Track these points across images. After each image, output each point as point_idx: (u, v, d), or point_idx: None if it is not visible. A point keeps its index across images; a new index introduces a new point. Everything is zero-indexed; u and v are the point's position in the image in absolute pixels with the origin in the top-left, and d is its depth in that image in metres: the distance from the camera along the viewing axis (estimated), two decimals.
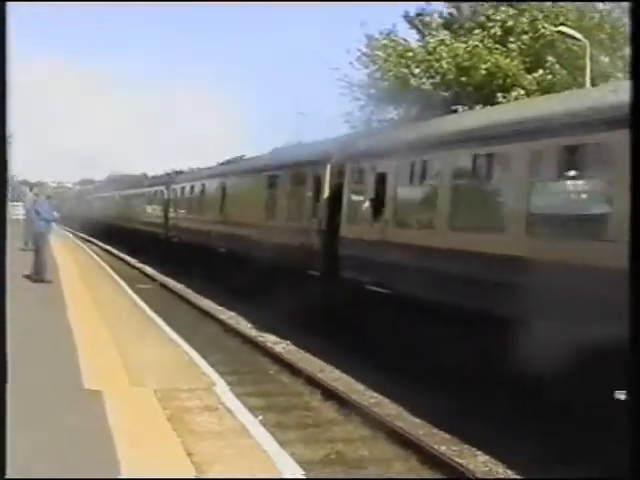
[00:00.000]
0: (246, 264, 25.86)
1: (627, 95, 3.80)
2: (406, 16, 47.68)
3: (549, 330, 10.35)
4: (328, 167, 20.82)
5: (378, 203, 17.58)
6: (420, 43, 46.44)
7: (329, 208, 20.26)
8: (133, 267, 43.75)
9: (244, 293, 25.43)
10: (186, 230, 38.00)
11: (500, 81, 41.03)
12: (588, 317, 9.96)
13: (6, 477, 4.20)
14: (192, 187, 38.86)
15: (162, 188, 46.40)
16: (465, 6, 45.65)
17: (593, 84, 31.11)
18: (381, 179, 17.59)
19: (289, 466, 8.53)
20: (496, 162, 13.69)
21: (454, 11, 46.80)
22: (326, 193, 20.69)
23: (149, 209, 50.21)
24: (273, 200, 25.48)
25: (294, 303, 19.06)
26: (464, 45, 41.62)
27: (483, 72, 41.12)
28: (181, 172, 51.08)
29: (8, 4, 3.93)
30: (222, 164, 38.07)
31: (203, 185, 36.54)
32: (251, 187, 28.16)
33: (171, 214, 42.68)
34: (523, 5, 41.70)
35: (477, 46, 41.15)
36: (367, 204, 18.14)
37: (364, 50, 48.07)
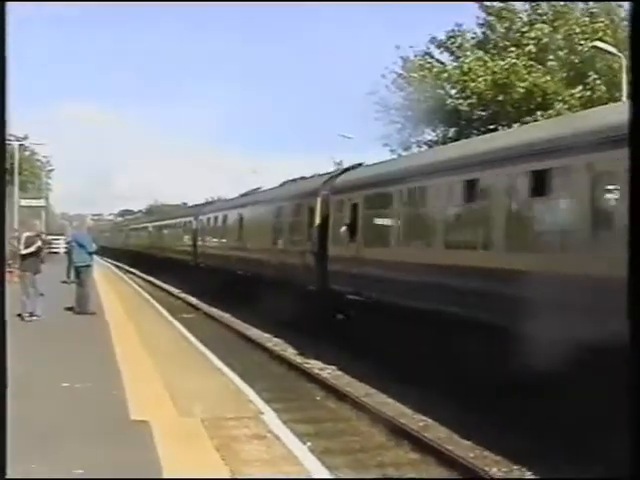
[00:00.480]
0: (258, 282, 30.46)
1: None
2: (433, 40, 47.63)
3: None
4: (318, 199, 25.01)
5: (352, 227, 21.81)
6: (455, 64, 46.43)
7: (320, 233, 24.30)
8: (162, 289, 48.46)
9: (255, 306, 29.00)
10: (211, 256, 42.03)
11: (539, 99, 40.82)
12: None
13: (6, 477, 4.16)
14: (216, 217, 42.86)
15: (191, 219, 50.65)
16: (498, 25, 45.56)
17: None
18: (354, 208, 21.89)
19: None
20: (425, 194, 18.16)
21: (487, 30, 46.72)
22: (317, 220, 24.79)
23: (179, 238, 53.78)
24: (279, 227, 29.91)
25: (294, 314, 24.20)
26: (502, 62, 41.50)
27: (521, 90, 40.94)
28: (208, 204, 55.31)
29: (8, 4, 3.93)
30: (241, 196, 42.16)
31: (225, 215, 40.43)
32: (263, 216, 32.41)
33: (199, 242, 46.46)
34: (559, 21, 41.50)
35: (515, 64, 40.99)
36: (344, 228, 22.28)
37: (400, 72, 48.14)
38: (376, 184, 20.99)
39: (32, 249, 23.28)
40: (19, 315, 22.49)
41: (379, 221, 20.72)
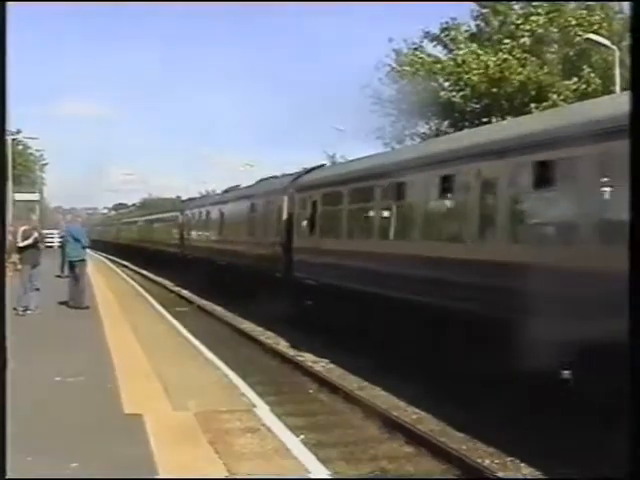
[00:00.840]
0: (236, 271, 34.61)
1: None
2: (427, 34, 47.64)
3: None
4: (285, 197, 28.18)
5: (312, 221, 24.93)
6: (449, 56, 46.43)
7: (286, 226, 27.52)
8: (147, 277, 53.59)
9: (231, 291, 34.41)
10: (196, 248, 45.86)
11: (533, 92, 40.81)
12: None
13: (6, 477, 4.17)
14: (200, 212, 46.59)
15: (178, 213, 54.90)
16: (493, 18, 45.56)
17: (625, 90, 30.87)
18: (314, 204, 24.97)
19: None
20: (363, 194, 21.30)
21: (481, 23, 46.70)
22: (285, 215, 27.97)
23: (168, 232, 57.75)
24: (254, 222, 33.16)
25: (265, 297, 27.50)
26: (494, 58, 41.43)
27: (515, 83, 40.92)
28: (193, 199, 59.87)
29: (8, 4, 3.93)
30: (222, 192, 46.32)
31: (208, 211, 44.13)
32: (239, 212, 35.97)
33: (185, 235, 50.67)
34: (554, 13, 41.46)
35: (507, 59, 40.96)
36: (305, 222, 25.58)
37: (393, 65, 48.10)
38: (329, 184, 24.39)
39: (29, 241, 23.28)
40: (14, 309, 22.49)
41: (332, 216, 23.66)
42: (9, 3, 3.99)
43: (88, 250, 27.63)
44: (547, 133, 13.09)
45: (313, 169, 29.24)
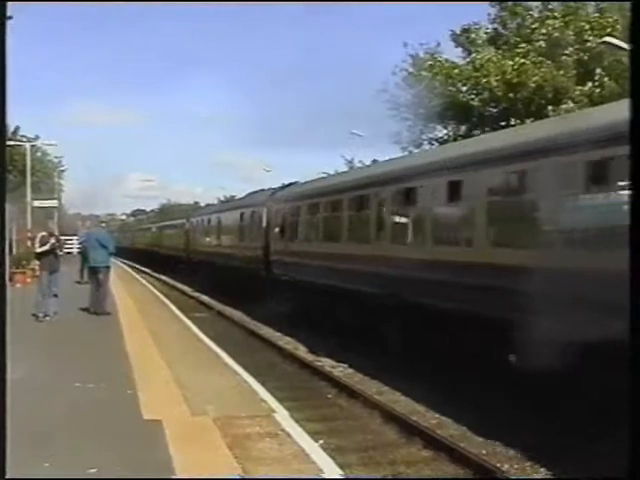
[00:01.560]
0: (230, 270, 39.97)
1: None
2: (452, 34, 47.67)
3: None
4: (265, 208, 33.73)
5: (283, 228, 30.61)
6: (467, 59, 46.36)
7: (266, 233, 33.02)
8: (162, 280, 59.01)
9: (226, 287, 40.22)
10: (198, 252, 51.46)
11: (550, 95, 40.69)
12: None
13: (6, 477, 4.20)
14: (202, 220, 52.88)
15: (184, 221, 60.92)
16: (510, 21, 45.50)
17: None
18: (284, 215, 30.88)
19: None
20: (317, 208, 26.80)
21: (499, 27, 46.62)
22: (264, 224, 33.42)
23: (176, 237, 63.79)
24: (243, 229, 38.72)
25: (251, 288, 34.72)
26: (511, 62, 41.34)
27: (532, 86, 40.80)
28: (198, 208, 69.22)
29: (9, 4, 3.97)
30: (221, 202, 56.44)
31: (208, 219, 50.34)
32: (231, 220, 41.78)
33: (190, 240, 56.05)
34: (569, 17, 41.36)
35: (524, 63, 40.87)
36: (278, 229, 31.23)
37: (410, 70, 48.07)
38: (293, 199, 30.34)
39: (46, 247, 23.38)
40: (33, 315, 22.58)
41: (295, 224, 29.43)
42: (9, 3, 4.03)
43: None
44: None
45: (287, 185, 34.96)
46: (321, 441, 11.77)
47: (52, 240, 23.84)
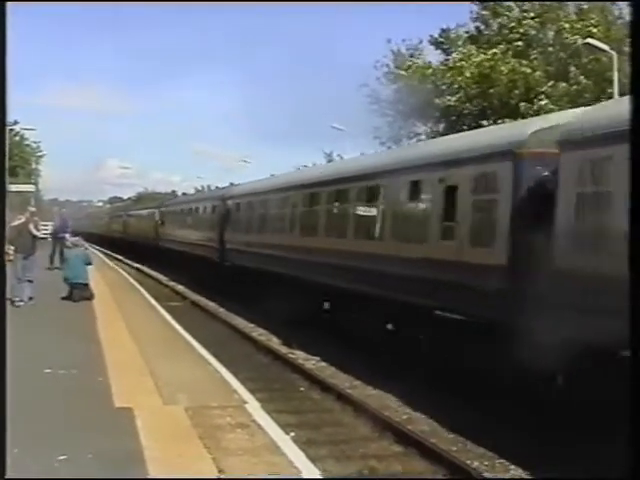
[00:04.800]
0: (191, 258, 43.73)
1: None
2: (431, 39, 47.91)
3: None
4: (221, 203, 38.00)
5: (235, 220, 34.93)
6: (443, 59, 46.60)
7: (221, 225, 36.89)
8: (120, 261, 64.08)
9: (185, 272, 44.91)
10: (166, 240, 54.02)
11: (522, 89, 40.87)
12: None
13: (6, 477, 4.17)
14: (170, 210, 56.47)
15: (155, 210, 63.01)
16: (492, 20, 45.65)
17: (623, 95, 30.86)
18: (237, 208, 35.33)
19: None
20: (253, 206, 32.63)
21: (481, 25, 46.75)
22: (220, 216, 37.60)
23: (147, 225, 65.38)
24: (203, 220, 42.73)
25: (205, 274, 39.87)
26: (485, 56, 41.65)
27: (504, 79, 40.96)
28: (167, 199, 71.54)
29: (8, 4, 3.93)
30: (186, 194, 61.00)
31: (174, 210, 54.69)
32: (194, 211, 46.18)
33: (160, 229, 58.07)
34: (547, 15, 41.59)
35: (496, 53, 41.15)
36: (231, 221, 35.41)
37: (391, 66, 48.15)
38: (235, 197, 36.06)
39: (15, 223, 23.10)
40: (8, 299, 22.41)
41: (237, 218, 34.85)
42: (9, 3, 3.99)
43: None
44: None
45: (234, 185, 41.61)
46: (292, 433, 11.78)
47: (22, 219, 23.67)
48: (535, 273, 12.17)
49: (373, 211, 19.69)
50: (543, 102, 38.96)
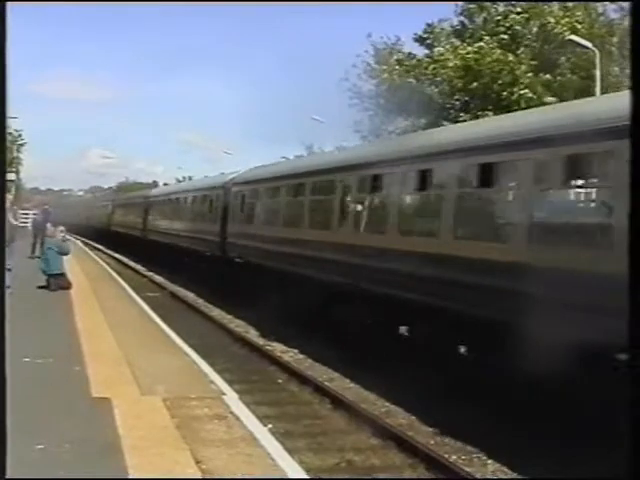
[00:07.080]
0: (187, 252, 40.06)
1: None
2: (415, 36, 47.98)
3: None
4: (222, 191, 34.71)
5: (237, 211, 31.82)
6: (427, 52, 46.64)
7: (223, 215, 33.70)
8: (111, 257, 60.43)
9: (183, 269, 40.16)
10: (155, 232, 51.46)
11: (508, 78, 40.99)
12: None
13: (6, 477, 4.14)
14: (159, 200, 53.88)
15: (142, 200, 60.70)
16: (476, 14, 45.75)
17: (605, 93, 31.00)
18: (237, 197, 32.34)
19: (298, 474, 8.50)
20: (258, 194, 29.79)
21: (466, 20, 46.81)
22: (222, 206, 34.22)
23: (133, 216, 63.28)
24: (200, 210, 39.29)
25: (206, 269, 35.61)
26: (470, 48, 41.78)
27: (488, 71, 41.05)
28: (154, 189, 67.82)
29: (8, 4, 3.89)
30: (178, 183, 57.44)
31: (164, 199, 51.80)
32: (190, 201, 42.70)
33: (148, 220, 55.70)
34: (532, 10, 41.76)
35: (482, 47, 41.24)
36: (233, 211, 32.40)
37: (371, 62, 48.16)
38: (250, 182, 31.14)
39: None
40: None
41: (249, 208, 30.44)
42: (9, 3, 3.94)
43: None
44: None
45: (236, 172, 36.32)
46: (270, 425, 11.79)
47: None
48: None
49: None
50: (522, 92, 39.14)
